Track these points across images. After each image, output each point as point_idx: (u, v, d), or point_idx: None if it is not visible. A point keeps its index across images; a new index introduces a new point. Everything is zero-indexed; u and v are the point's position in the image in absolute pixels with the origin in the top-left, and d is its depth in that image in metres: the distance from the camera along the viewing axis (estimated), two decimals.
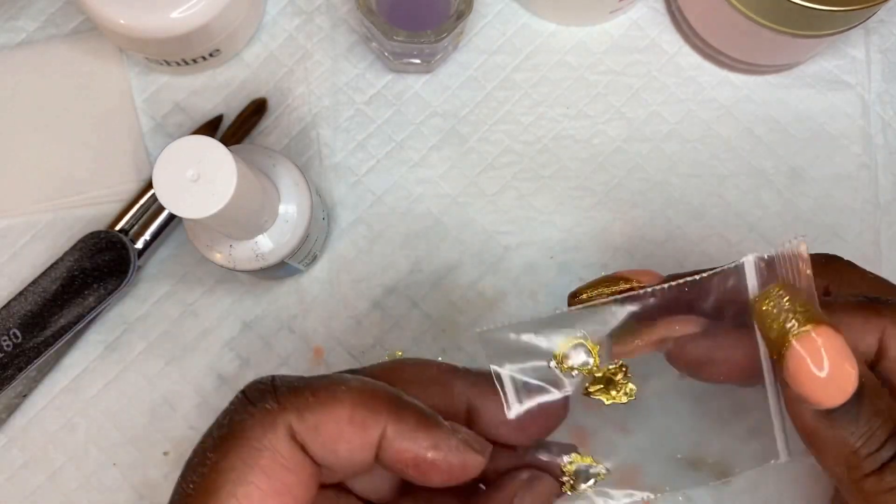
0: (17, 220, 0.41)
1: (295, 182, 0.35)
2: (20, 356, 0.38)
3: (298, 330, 0.41)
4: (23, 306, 0.39)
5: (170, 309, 0.41)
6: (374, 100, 0.43)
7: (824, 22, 0.37)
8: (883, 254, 0.42)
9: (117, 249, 0.39)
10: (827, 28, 0.37)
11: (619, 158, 0.43)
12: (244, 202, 0.29)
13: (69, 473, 0.39)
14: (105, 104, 0.42)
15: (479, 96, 0.43)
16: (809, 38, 0.38)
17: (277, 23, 0.43)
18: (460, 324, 0.41)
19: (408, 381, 0.26)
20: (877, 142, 0.43)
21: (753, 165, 0.43)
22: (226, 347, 0.41)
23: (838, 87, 0.43)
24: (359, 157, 0.42)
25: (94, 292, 0.39)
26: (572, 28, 0.44)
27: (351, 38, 0.43)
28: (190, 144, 0.28)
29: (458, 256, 0.42)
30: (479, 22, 0.43)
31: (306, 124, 0.42)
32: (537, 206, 0.42)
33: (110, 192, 0.41)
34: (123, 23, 0.37)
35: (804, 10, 0.36)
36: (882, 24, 0.44)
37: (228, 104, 0.42)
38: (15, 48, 0.43)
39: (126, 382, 0.40)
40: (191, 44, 0.39)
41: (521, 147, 0.43)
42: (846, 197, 0.42)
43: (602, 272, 0.41)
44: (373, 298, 0.41)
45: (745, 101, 0.43)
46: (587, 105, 0.43)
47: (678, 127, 0.43)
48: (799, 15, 0.36)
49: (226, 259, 0.34)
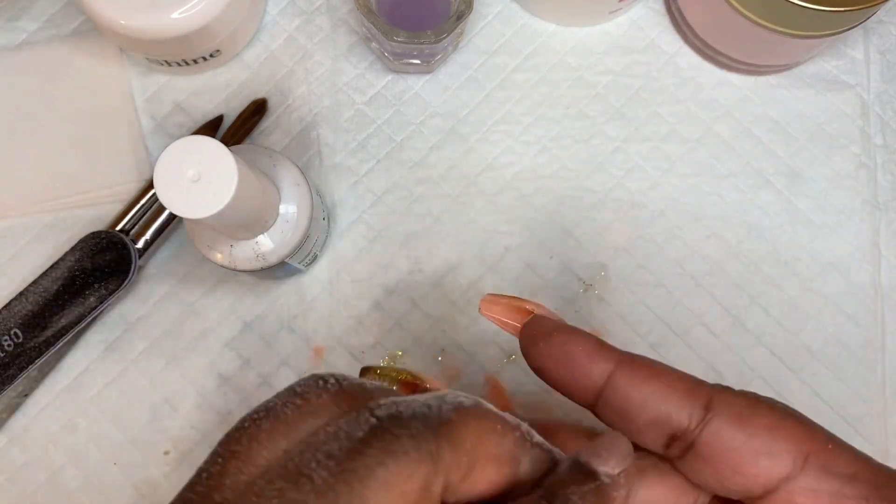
0: (17, 221, 0.42)
1: (295, 182, 0.35)
2: (21, 356, 0.38)
3: (299, 330, 0.41)
4: (24, 306, 0.39)
5: (170, 309, 0.41)
6: (374, 100, 0.43)
7: (823, 22, 0.37)
8: (882, 253, 0.42)
9: (118, 249, 0.39)
10: (826, 28, 0.37)
11: (618, 158, 0.43)
12: (245, 202, 0.29)
13: (70, 473, 0.39)
14: (106, 104, 0.42)
15: (479, 97, 0.43)
16: (809, 39, 0.38)
17: (278, 23, 0.43)
18: (460, 324, 0.41)
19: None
20: (876, 142, 0.43)
21: (753, 165, 0.43)
22: (226, 347, 0.41)
23: (837, 87, 0.44)
24: (359, 157, 0.42)
25: (94, 292, 0.39)
26: (572, 28, 0.44)
27: (351, 38, 0.43)
28: (191, 145, 0.28)
29: (458, 256, 0.42)
30: (479, 22, 0.44)
31: (307, 124, 0.42)
32: (537, 206, 0.42)
33: (111, 193, 0.41)
34: (124, 23, 0.37)
35: (803, 11, 0.36)
36: (881, 25, 0.44)
37: (229, 104, 0.42)
38: (16, 49, 0.43)
39: (127, 382, 0.40)
40: (191, 44, 0.39)
41: (521, 147, 0.43)
42: (845, 197, 0.42)
43: (602, 272, 0.41)
44: (373, 298, 0.41)
45: (744, 102, 0.43)
46: (587, 105, 0.43)
47: (678, 127, 0.43)
48: (798, 15, 0.36)
49: (226, 259, 0.34)
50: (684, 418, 0.23)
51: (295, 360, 0.41)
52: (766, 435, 0.23)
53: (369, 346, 0.41)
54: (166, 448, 0.40)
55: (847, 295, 0.41)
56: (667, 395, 0.23)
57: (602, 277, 0.41)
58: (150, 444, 0.40)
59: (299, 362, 0.41)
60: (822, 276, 0.42)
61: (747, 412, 0.23)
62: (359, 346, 0.41)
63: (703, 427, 0.23)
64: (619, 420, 0.24)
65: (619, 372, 0.24)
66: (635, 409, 0.24)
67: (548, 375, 0.25)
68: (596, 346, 0.25)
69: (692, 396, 0.23)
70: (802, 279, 0.42)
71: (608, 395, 0.24)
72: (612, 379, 0.24)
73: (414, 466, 0.19)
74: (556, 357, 0.25)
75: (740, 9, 0.38)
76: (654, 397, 0.24)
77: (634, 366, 0.24)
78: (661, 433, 0.24)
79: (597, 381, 0.24)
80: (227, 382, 0.40)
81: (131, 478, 0.40)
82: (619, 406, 0.24)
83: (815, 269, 0.42)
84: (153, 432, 0.40)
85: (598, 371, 0.24)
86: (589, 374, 0.24)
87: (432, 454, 0.20)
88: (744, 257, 0.42)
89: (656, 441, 0.24)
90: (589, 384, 0.24)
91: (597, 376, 0.24)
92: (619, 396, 0.24)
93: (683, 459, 0.24)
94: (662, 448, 0.24)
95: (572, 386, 0.25)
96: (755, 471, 0.23)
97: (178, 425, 0.40)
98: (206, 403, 0.40)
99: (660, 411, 0.23)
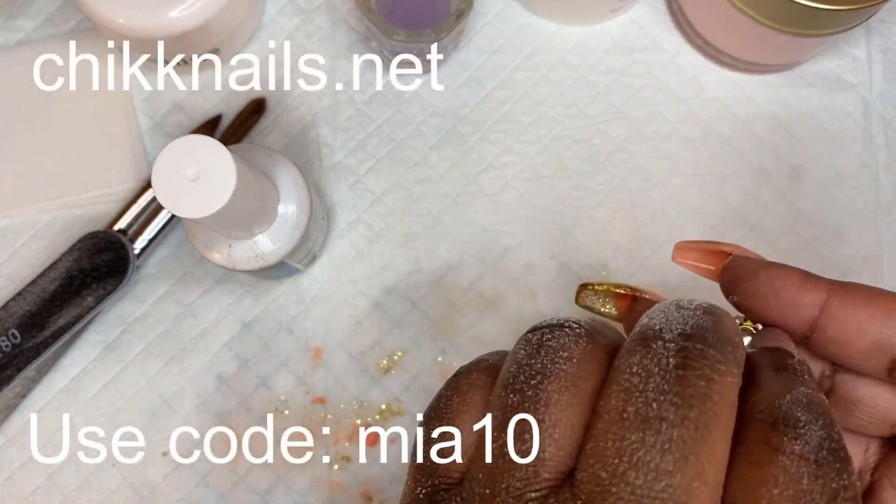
0: (15, 220, 0.41)
1: (294, 182, 0.35)
2: (19, 356, 0.38)
3: (298, 330, 0.41)
4: (21, 306, 0.38)
5: (169, 309, 0.41)
6: (373, 99, 0.43)
7: (825, 21, 0.37)
8: (884, 254, 0.42)
9: (116, 249, 0.39)
10: (828, 27, 0.37)
11: (619, 158, 0.43)
12: (243, 202, 0.29)
13: (68, 474, 0.39)
14: (104, 104, 0.42)
15: (479, 96, 0.43)
16: (811, 38, 0.38)
17: (277, 22, 0.43)
18: (460, 324, 0.41)
19: None
20: (878, 141, 0.43)
21: (754, 165, 0.43)
22: (225, 348, 0.40)
23: (840, 86, 0.43)
24: (359, 157, 0.42)
25: (92, 292, 0.39)
26: (573, 27, 0.44)
27: (351, 37, 0.43)
28: (189, 144, 0.28)
29: (458, 256, 0.41)
30: (479, 21, 0.43)
31: (306, 124, 0.42)
32: (537, 206, 0.42)
33: (109, 192, 0.41)
34: (122, 22, 0.37)
35: (806, 10, 0.36)
36: (883, 24, 0.44)
37: (228, 104, 0.42)
38: (14, 47, 0.43)
39: (125, 382, 0.40)
40: (190, 43, 0.39)
41: (521, 147, 0.43)
42: (847, 197, 0.42)
43: (602, 272, 0.41)
44: (373, 298, 0.41)
45: (746, 101, 0.43)
46: (587, 105, 0.43)
47: (679, 126, 0.43)
48: (800, 14, 0.36)
49: (225, 259, 0.34)
50: None
51: (294, 361, 0.40)
52: None
53: (369, 346, 0.41)
54: (164, 449, 0.40)
55: None
56: (885, 318, 0.23)
57: (602, 277, 0.41)
58: (149, 445, 0.40)
59: (298, 363, 0.40)
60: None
61: None
62: (358, 346, 0.41)
63: None
64: (838, 349, 0.24)
65: (832, 300, 0.24)
66: (854, 335, 0.24)
67: (758, 314, 0.25)
68: (805, 278, 0.25)
69: None
70: None
71: (823, 325, 0.24)
72: (827, 308, 0.24)
73: (734, 372, 0.20)
74: (765, 294, 0.25)
75: (742, 7, 0.37)
76: (872, 321, 0.23)
77: (847, 292, 0.24)
78: (883, 357, 0.24)
79: (811, 313, 0.24)
80: (226, 383, 0.40)
81: (130, 478, 0.39)
82: (836, 335, 0.24)
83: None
84: (151, 433, 0.40)
85: (810, 302, 0.24)
86: (802, 306, 0.24)
87: (737, 360, 0.20)
88: None
89: (879, 366, 0.24)
90: (803, 316, 0.24)
91: (810, 307, 0.24)
92: (837, 324, 0.24)
93: None
94: (886, 373, 0.24)
95: (784, 321, 0.25)
96: None
97: (176, 426, 0.40)
98: (204, 404, 0.40)
99: (881, 334, 0.23)
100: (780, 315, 0.25)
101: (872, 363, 0.24)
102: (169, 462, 0.39)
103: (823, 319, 0.24)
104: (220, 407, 0.40)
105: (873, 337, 0.23)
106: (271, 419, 0.40)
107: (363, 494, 0.39)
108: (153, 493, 0.39)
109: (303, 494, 0.39)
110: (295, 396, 0.40)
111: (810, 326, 0.24)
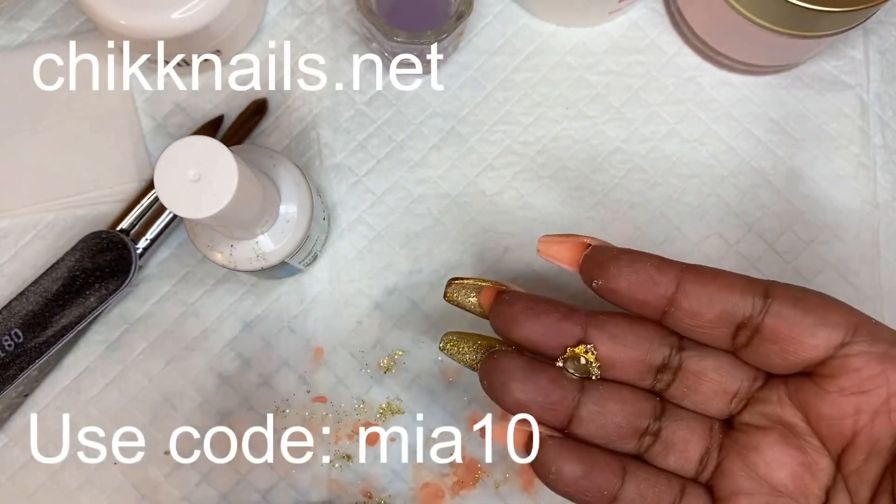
0: (18, 220, 0.42)
1: (295, 182, 0.35)
2: (22, 356, 0.38)
3: (299, 330, 0.41)
4: (24, 306, 0.39)
5: (171, 309, 0.41)
6: (374, 100, 0.43)
7: (823, 23, 0.37)
8: (881, 254, 0.42)
9: (118, 249, 0.39)
10: (826, 29, 0.37)
11: (618, 158, 0.43)
12: (245, 202, 0.29)
13: (70, 473, 0.40)
14: (106, 104, 0.42)
15: (479, 97, 0.43)
16: (808, 39, 0.38)
17: (278, 23, 0.43)
18: (460, 324, 0.41)
19: None
20: (875, 142, 0.43)
21: (752, 165, 0.43)
22: (226, 347, 0.41)
23: (837, 87, 0.44)
24: (359, 158, 0.42)
25: (95, 292, 0.39)
26: (572, 29, 0.44)
27: (351, 38, 0.43)
28: (191, 145, 0.28)
29: (458, 256, 0.42)
30: (479, 22, 0.44)
31: (307, 125, 0.42)
32: (537, 206, 0.42)
33: (111, 193, 0.41)
34: (124, 23, 0.37)
35: (803, 11, 0.36)
36: (881, 25, 0.44)
37: (229, 104, 0.43)
38: (16, 49, 0.43)
39: (127, 382, 0.40)
40: (192, 44, 0.39)
41: (521, 147, 0.43)
42: (845, 197, 0.42)
43: None
44: (373, 298, 0.41)
45: (744, 102, 0.43)
46: (587, 105, 0.43)
47: (677, 127, 0.43)
48: (798, 16, 0.36)
49: (226, 259, 0.34)
50: (748, 307, 0.27)
51: (295, 361, 0.41)
52: (820, 311, 0.27)
53: (369, 346, 0.41)
54: (166, 448, 0.40)
55: (846, 296, 0.41)
56: (730, 290, 0.27)
57: None
58: (151, 444, 0.40)
59: (300, 362, 0.41)
60: (821, 276, 0.42)
61: (800, 295, 0.27)
62: (359, 345, 0.41)
63: (765, 312, 0.27)
64: (692, 321, 0.28)
65: (686, 277, 0.28)
66: (705, 306, 0.27)
67: (621, 295, 0.28)
68: (661, 260, 0.28)
69: (752, 288, 0.27)
70: (802, 279, 0.42)
71: (679, 300, 0.28)
72: (682, 284, 0.28)
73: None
74: (627, 275, 0.28)
75: (740, 9, 0.38)
76: (720, 294, 0.27)
77: (698, 271, 0.28)
78: (728, 324, 0.28)
79: (668, 289, 0.28)
80: (228, 382, 0.40)
81: (131, 477, 0.40)
82: (690, 306, 0.28)
83: (814, 269, 0.42)
84: (153, 432, 0.40)
85: (668, 280, 0.28)
86: (660, 283, 0.28)
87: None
88: (743, 257, 0.42)
89: (725, 333, 0.28)
90: (661, 293, 0.28)
91: (667, 284, 0.28)
92: (690, 298, 0.28)
93: (749, 347, 0.28)
94: (730, 339, 0.28)
95: (644, 299, 0.28)
96: (815, 342, 0.27)
97: (178, 425, 0.40)
98: (206, 403, 0.40)
99: (727, 303, 0.27)
100: (641, 292, 0.27)
101: (720, 331, 0.28)
102: (171, 461, 0.40)
103: (679, 294, 0.28)
104: (222, 406, 0.40)
105: (722, 307, 0.27)
106: (271, 419, 0.40)
107: (364, 493, 0.40)
108: (155, 493, 0.39)
109: (303, 493, 0.40)
110: (296, 395, 0.40)
111: (667, 302, 0.28)
